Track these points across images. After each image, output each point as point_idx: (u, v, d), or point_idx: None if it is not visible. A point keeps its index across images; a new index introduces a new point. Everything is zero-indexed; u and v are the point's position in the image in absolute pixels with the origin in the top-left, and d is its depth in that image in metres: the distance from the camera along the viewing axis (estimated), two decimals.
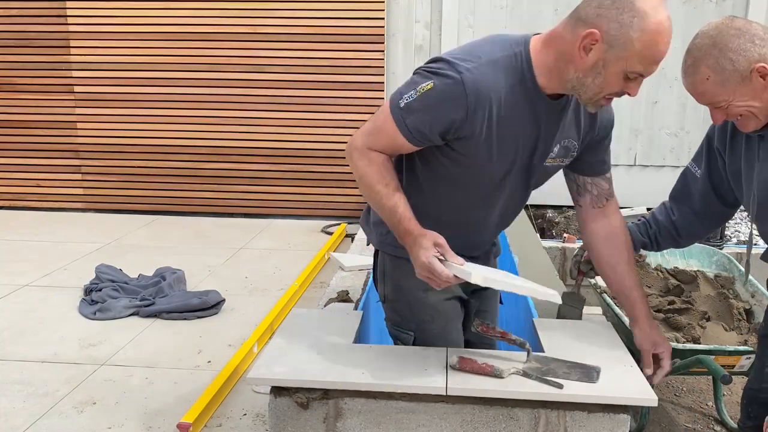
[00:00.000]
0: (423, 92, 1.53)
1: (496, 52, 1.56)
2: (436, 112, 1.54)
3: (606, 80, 1.49)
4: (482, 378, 1.59)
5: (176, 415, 2.59)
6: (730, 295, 2.76)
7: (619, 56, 1.44)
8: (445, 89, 1.52)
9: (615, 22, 1.41)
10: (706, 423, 2.75)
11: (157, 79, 5.77)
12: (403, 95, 1.57)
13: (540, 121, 1.62)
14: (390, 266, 1.85)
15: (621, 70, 1.47)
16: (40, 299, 3.85)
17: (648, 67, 1.47)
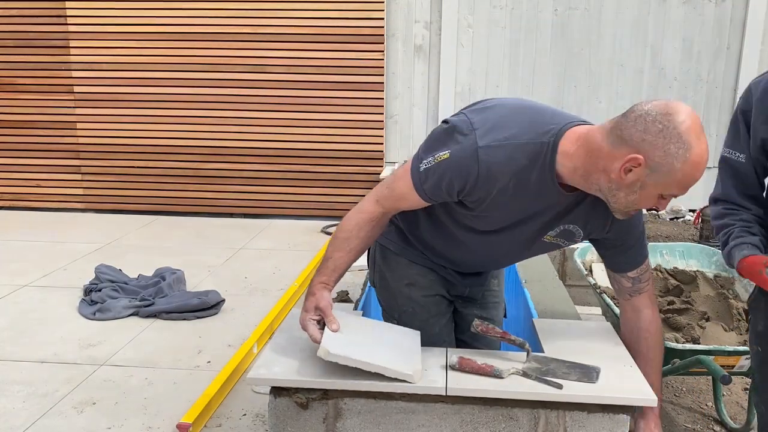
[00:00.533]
0: (440, 160, 1.58)
1: (523, 136, 1.55)
2: (450, 179, 1.58)
3: (640, 198, 1.50)
4: (482, 378, 1.59)
5: (176, 416, 2.59)
6: (729, 295, 2.76)
7: (659, 182, 1.45)
8: (459, 161, 1.56)
9: (661, 150, 1.41)
10: (706, 423, 2.75)
11: (157, 79, 5.77)
12: (423, 160, 1.62)
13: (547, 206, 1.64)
14: (379, 256, 1.95)
15: (658, 192, 1.48)
16: (39, 299, 3.85)
17: (684, 191, 1.48)
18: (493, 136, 1.54)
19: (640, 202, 1.51)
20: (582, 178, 1.54)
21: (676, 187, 1.46)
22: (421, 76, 5.77)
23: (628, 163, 1.44)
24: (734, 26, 5.46)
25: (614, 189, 1.50)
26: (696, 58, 5.52)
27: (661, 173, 1.43)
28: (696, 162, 1.42)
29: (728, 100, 5.58)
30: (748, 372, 2.40)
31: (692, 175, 1.44)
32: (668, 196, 1.50)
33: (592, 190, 1.55)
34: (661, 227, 5.06)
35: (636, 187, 1.47)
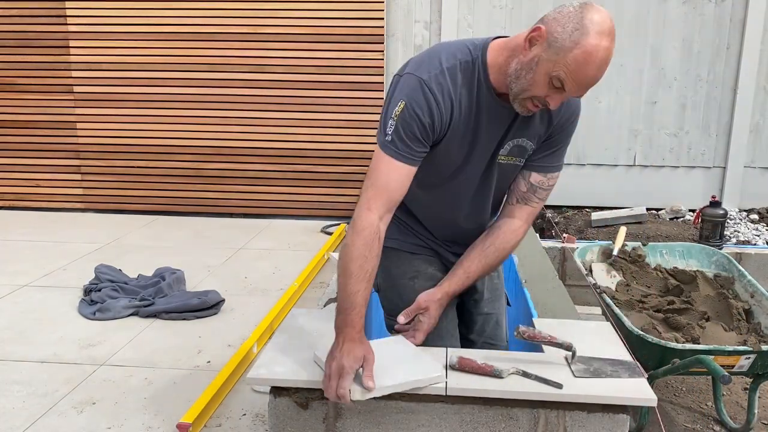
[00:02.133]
0: (399, 113, 1.62)
1: (455, 58, 1.65)
2: (418, 120, 1.62)
3: (534, 78, 1.54)
4: (482, 378, 1.59)
5: (176, 415, 2.59)
6: (729, 295, 2.76)
7: (551, 58, 1.50)
8: (414, 97, 1.61)
9: (561, 26, 1.49)
10: (706, 423, 2.76)
11: (157, 79, 5.77)
12: (385, 130, 1.64)
13: (491, 121, 1.69)
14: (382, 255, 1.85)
15: (548, 71, 1.51)
16: (39, 299, 3.85)
17: (571, 82, 1.50)
18: (431, 68, 1.63)
19: (534, 83, 1.54)
20: (504, 75, 1.62)
21: (563, 69, 1.49)
22: None
23: (533, 33, 1.53)
24: (734, 26, 5.46)
25: (518, 69, 1.57)
26: (696, 58, 5.52)
27: (554, 49, 1.49)
28: (588, 51, 1.46)
29: (728, 100, 5.58)
30: (748, 372, 2.41)
31: (580, 63, 1.47)
32: (557, 83, 1.52)
33: (507, 84, 1.61)
34: (661, 227, 5.06)
35: (534, 63, 1.53)
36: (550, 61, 1.50)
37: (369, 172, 1.68)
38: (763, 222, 5.31)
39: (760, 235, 4.93)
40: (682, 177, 5.74)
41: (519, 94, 1.58)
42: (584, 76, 1.49)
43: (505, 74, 1.61)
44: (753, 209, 5.64)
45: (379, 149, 1.66)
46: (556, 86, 1.53)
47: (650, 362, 2.33)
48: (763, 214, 5.50)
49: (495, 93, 1.66)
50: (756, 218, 5.36)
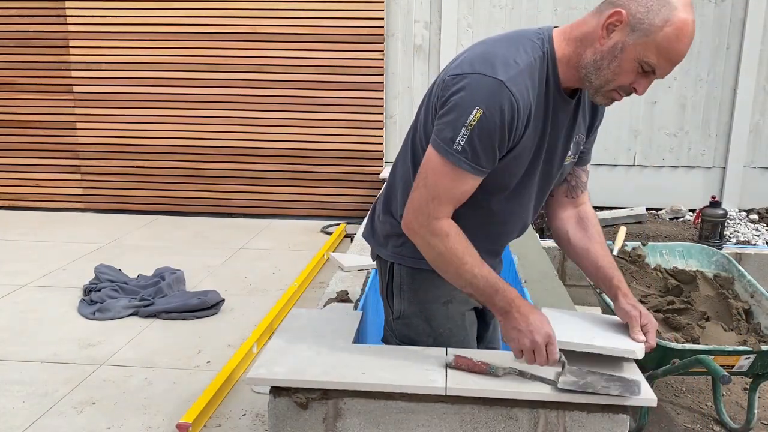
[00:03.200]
0: (476, 123, 1.45)
1: (528, 56, 1.50)
2: (497, 130, 1.46)
3: (620, 66, 1.44)
4: (482, 378, 1.59)
5: (175, 415, 2.59)
6: (729, 295, 2.76)
7: (639, 42, 1.40)
8: (493, 104, 1.44)
9: (643, 6, 1.39)
10: (706, 423, 2.75)
11: (157, 79, 5.77)
12: (454, 140, 1.47)
13: (558, 120, 1.60)
14: (407, 279, 1.76)
15: (637, 57, 1.42)
16: (39, 299, 3.85)
17: (663, 62, 1.41)
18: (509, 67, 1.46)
19: (620, 71, 1.44)
20: (574, 68, 1.51)
21: (654, 51, 1.40)
22: (420, 76, 5.77)
23: (611, 19, 1.42)
24: (734, 26, 5.46)
25: (598, 60, 1.46)
26: (696, 58, 5.52)
27: (641, 31, 1.40)
28: (678, 27, 1.38)
29: (728, 100, 5.58)
30: (748, 372, 2.41)
31: (671, 40, 1.39)
32: (647, 68, 1.43)
33: (581, 77, 1.51)
34: (660, 227, 5.06)
35: (617, 50, 1.43)
36: (639, 45, 1.40)
37: (427, 180, 1.53)
38: (763, 222, 5.31)
39: (759, 235, 4.93)
40: (681, 177, 5.74)
41: (603, 86, 1.48)
42: (677, 53, 1.40)
43: (576, 67, 1.50)
44: (753, 209, 5.64)
45: (440, 157, 1.49)
46: (645, 71, 1.43)
47: (650, 362, 2.33)
48: (763, 214, 5.50)
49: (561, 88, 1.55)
50: (756, 218, 5.36)
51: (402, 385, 1.57)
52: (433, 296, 1.74)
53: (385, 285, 1.81)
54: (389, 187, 1.79)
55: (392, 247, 1.76)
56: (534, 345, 1.51)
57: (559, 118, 1.59)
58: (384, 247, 1.79)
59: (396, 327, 1.80)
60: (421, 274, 1.72)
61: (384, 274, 1.81)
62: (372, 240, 1.84)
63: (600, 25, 1.45)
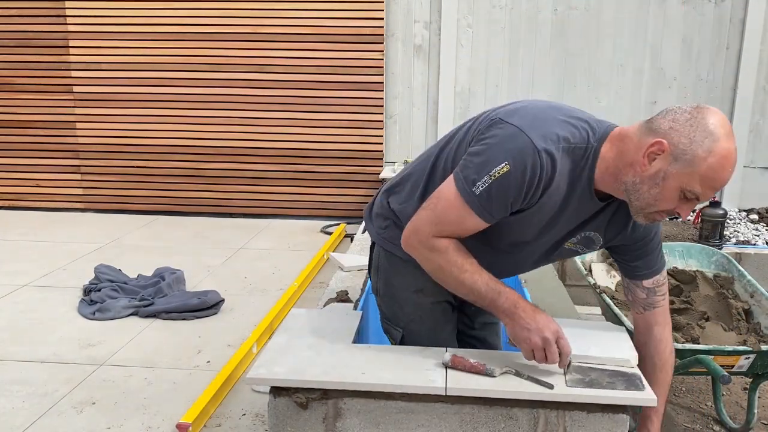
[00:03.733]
0: (499, 176, 1.48)
1: (574, 139, 1.52)
2: (516, 191, 1.50)
3: (662, 193, 1.45)
4: (482, 378, 1.59)
5: (175, 415, 2.59)
6: (729, 295, 2.76)
7: (682, 172, 1.42)
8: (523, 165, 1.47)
9: (686, 137, 1.40)
10: (706, 423, 2.75)
11: (157, 79, 5.77)
12: (476, 182, 1.51)
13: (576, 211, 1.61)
14: (384, 261, 1.85)
15: (679, 186, 1.43)
16: (39, 299, 3.85)
17: (706, 191, 1.43)
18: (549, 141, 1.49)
19: (661, 198, 1.46)
20: (612, 176, 1.52)
21: (698, 182, 1.41)
22: (420, 76, 5.77)
23: (652, 148, 1.43)
24: (734, 26, 5.46)
25: (638, 183, 1.47)
26: (696, 58, 5.52)
27: (684, 162, 1.40)
28: (722, 156, 1.39)
29: (728, 100, 5.58)
30: (748, 372, 2.41)
31: (716, 171, 1.39)
32: (691, 196, 1.44)
33: (620, 190, 1.52)
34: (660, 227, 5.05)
35: (659, 178, 1.44)
36: (683, 175, 1.41)
37: (435, 209, 1.58)
38: (763, 222, 5.31)
39: (759, 235, 4.92)
40: None
41: (644, 209, 1.50)
42: (721, 182, 1.42)
43: (614, 177, 1.52)
44: (753, 209, 5.64)
45: (458, 193, 1.54)
46: (688, 198, 1.45)
47: None
48: (763, 214, 5.50)
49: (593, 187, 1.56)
50: (756, 218, 5.36)
51: (402, 385, 1.57)
52: (405, 283, 1.81)
53: (369, 261, 1.94)
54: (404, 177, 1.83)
55: (377, 228, 1.85)
56: (545, 342, 1.53)
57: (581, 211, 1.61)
58: (372, 224, 1.88)
59: (377, 303, 1.94)
60: (397, 260, 1.80)
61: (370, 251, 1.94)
62: (366, 215, 1.92)
63: (640, 150, 1.45)
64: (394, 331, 1.87)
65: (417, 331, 1.82)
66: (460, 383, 1.57)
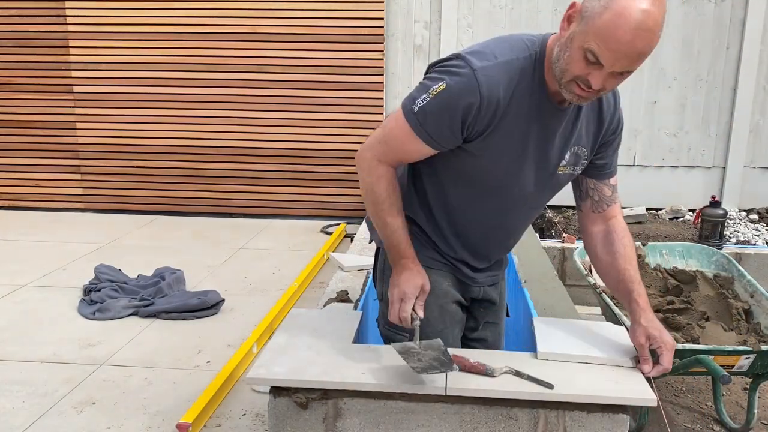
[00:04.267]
0: (436, 93, 1.52)
1: (512, 53, 1.54)
2: (452, 110, 1.51)
3: (570, 56, 1.43)
4: (482, 378, 1.59)
5: (175, 415, 2.59)
6: (729, 295, 2.76)
7: (582, 29, 1.40)
8: (458, 85, 1.50)
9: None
10: (706, 423, 2.75)
11: (157, 79, 5.77)
12: (416, 99, 1.55)
13: (548, 127, 1.60)
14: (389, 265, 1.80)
15: (581, 44, 1.40)
16: (39, 299, 3.85)
17: (604, 51, 1.37)
18: (485, 59, 1.52)
19: (571, 61, 1.43)
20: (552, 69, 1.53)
21: (594, 38, 1.37)
22: (420, 76, 5.75)
23: (569, 11, 1.45)
24: (734, 26, 5.46)
25: (558, 52, 1.47)
26: (696, 58, 5.52)
27: (585, 18, 1.39)
28: (617, 12, 1.34)
29: (728, 100, 5.58)
30: (748, 372, 2.41)
31: (610, 27, 1.35)
32: (591, 57, 1.40)
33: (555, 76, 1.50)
34: (660, 227, 5.06)
35: (569, 40, 1.44)
36: (582, 33, 1.39)
37: (385, 128, 1.63)
38: (763, 222, 5.32)
39: (759, 235, 4.93)
40: (681, 177, 5.74)
41: (561, 78, 1.48)
42: (616, 42, 1.35)
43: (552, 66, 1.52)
44: (753, 209, 5.64)
45: (401, 113, 1.58)
46: (591, 60, 1.40)
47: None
48: (763, 214, 5.51)
49: (550, 93, 1.56)
50: (756, 218, 5.36)
51: (402, 385, 1.57)
52: None
53: (374, 267, 1.95)
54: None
55: None
56: (401, 296, 1.61)
57: (551, 124, 1.60)
58: (374, 232, 1.87)
59: (381, 309, 1.90)
60: None
61: (375, 257, 1.95)
62: (369, 224, 1.91)
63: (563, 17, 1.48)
64: (399, 337, 1.82)
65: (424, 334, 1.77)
66: (460, 383, 1.57)
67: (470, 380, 1.58)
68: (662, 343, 1.66)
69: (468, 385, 1.56)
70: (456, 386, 1.56)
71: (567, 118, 1.62)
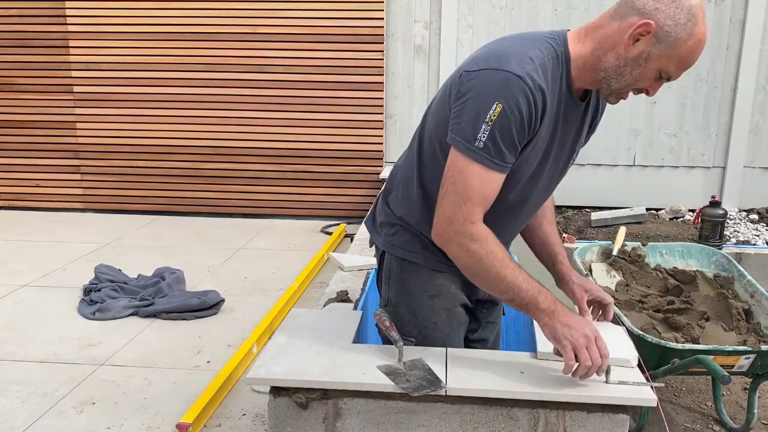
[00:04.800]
0: (496, 117, 1.44)
1: (542, 54, 1.51)
2: (517, 126, 1.46)
3: (643, 74, 1.49)
4: (482, 378, 1.59)
5: (175, 415, 2.59)
6: (729, 295, 2.76)
7: (663, 54, 1.45)
8: (512, 98, 1.44)
9: (671, 19, 1.42)
10: (706, 423, 2.75)
11: (157, 79, 5.77)
12: (475, 136, 1.46)
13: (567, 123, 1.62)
14: (396, 269, 1.79)
15: (659, 67, 1.47)
16: (39, 299, 3.85)
17: (680, 72, 1.49)
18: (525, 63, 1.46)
19: (641, 78, 1.49)
20: (591, 69, 1.54)
21: (676, 64, 1.46)
22: (420, 76, 5.77)
23: (639, 29, 1.44)
24: (734, 26, 5.46)
25: (621, 66, 1.49)
26: None
27: (667, 44, 1.44)
28: (699, 39, 1.44)
29: (728, 100, 5.58)
30: (748, 372, 2.41)
31: (692, 53, 1.45)
32: (665, 76, 1.49)
33: (598, 79, 1.54)
34: (660, 227, 5.06)
35: (642, 59, 1.47)
36: (664, 56, 1.45)
37: (455, 183, 1.51)
38: (763, 222, 5.31)
39: (759, 235, 4.93)
40: (681, 177, 5.74)
41: (622, 89, 1.53)
42: (692, 62, 1.47)
43: (593, 68, 1.53)
44: (753, 209, 5.64)
45: (464, 157, 1.48)
46: (662, 78, 1.49)
47: (650, 362, 2.33)
48: (763, 214, 5.50)
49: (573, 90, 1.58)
50: (756, 218, 5.36)
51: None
52: (419, 288, 1.77)
53: (378, 272, 1.89)
54: (391, 178, 1.85)
55: (385, 236, 1.82)
56: (587, 340, 1.52)
57: (569, 120, 1.61)
58: (378, 235, 1.85)
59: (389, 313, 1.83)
60: (410, 265, 1.76)
61: (378, 261, 1.88)
62: (370, 226, 1.90)
63: (625, 32, 1.47)
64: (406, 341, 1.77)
65: (430, 338, 1.77)
66: (460, 383, 1.57)
67: (470, 380, 1.58)
68: (600, 296, 1.82)
69: (468, 385, 1.57)
70: (456, 386, 1.56)
71: (582, 114, 1.65)
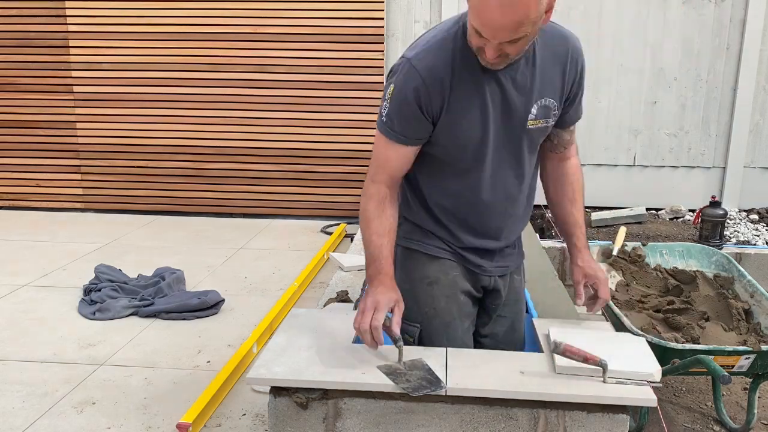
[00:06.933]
0: (391, 96, 1.68)
1: (441, 32, 1.67)
2: (407, 103, 1.65)
3: (469, 31, 1.57)
4: (482, 378, 1.59)
5: (175, 415, 2.59)
6: (729, 295, 2.76)
7: (468, 9, 1.53)
8: (402, 79, 1.65)
9: None
10: (706, 423, 2.75)
11: (157, 79, 5.77)
12: (381, 112, 1.71)
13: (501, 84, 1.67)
14: (401, 256, 1.89)
15: (470, 22, 1.54)
16: (39, 299, 3.85)
17: (482, 27, 1.48)
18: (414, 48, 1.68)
19: (471, 36, 1.56)
20: None
21: (472, 17, 1.51)
22: None
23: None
24: (734, 26, 5.46)
25: (467, 25, 1.59)
26: (696, 58, 5.52)
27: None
28: None
29: (728, 100, 5.58)
30: (748, 372, 2.41)
31: (480, 7, 1.46)
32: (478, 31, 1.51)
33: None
34: (660, 227, 5.06)
35: (467, 17, 1.57)
36: (468, 12, 1.54)
37: (373, 150, 1.77)
38: (763, 222, 5.32)
39: (759, 235, 4.93)
40: (681, 177, 5.74)
41: (475, 50, 1.61)
42: (487, 20, 1.46)
43: None
44: (753, 209, 5.64)
45: (378, 129, 1.74)
46: (478, 34, 1.52)
47: None
48: (763, 214, 5.51)
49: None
50: (756, 218, 5.36)
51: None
52: (419, 275, 1.87)
53: None
54: None
55: None
56: (366, 309, 1.63)
57: (501, 81, 1.67)
58: None
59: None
60: (412, 254, 1.88)
61: None
62: None
63: None
64: (411, 328, 1.86)
65: (432, 325, 1.83)
66: (460, 383, 1.57)
67: (471, 380, 1.58)
68: (597, 279, 1.89)
69: (468, 385, 1.57)
70: (456, 386, 1.56)
71: (521, 74, 1.68)
